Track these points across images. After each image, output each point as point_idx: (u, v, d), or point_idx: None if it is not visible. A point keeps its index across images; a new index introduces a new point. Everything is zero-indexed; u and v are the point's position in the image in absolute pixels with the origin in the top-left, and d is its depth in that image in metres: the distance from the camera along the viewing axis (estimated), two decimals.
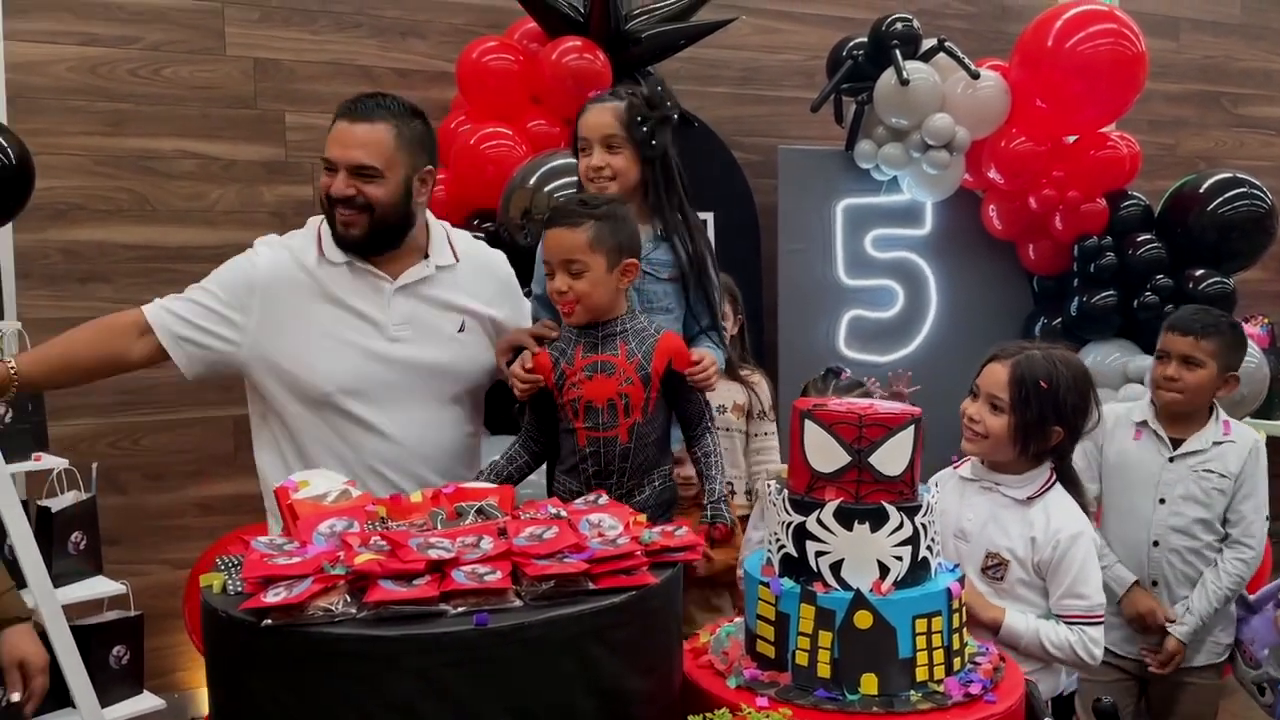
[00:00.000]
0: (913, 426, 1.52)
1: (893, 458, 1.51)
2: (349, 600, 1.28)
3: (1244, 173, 3.78)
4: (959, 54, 3.62)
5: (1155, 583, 2.62)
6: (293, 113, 3.48)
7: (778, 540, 1.54)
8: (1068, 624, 1.96)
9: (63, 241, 3.23)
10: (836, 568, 1.49)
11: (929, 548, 1.53)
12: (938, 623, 1.48)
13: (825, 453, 1.52)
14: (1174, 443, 2.61)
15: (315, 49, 3.50)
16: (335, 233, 2.06)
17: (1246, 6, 5.07)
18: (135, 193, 3.31)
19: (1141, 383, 3.19)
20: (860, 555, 1.48)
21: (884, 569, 1.48)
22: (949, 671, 1.49)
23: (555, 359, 1.96)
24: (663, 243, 2.12)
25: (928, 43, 3.70)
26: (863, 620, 1.45)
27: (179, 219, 3.35)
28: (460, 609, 1.27)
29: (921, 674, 1.46)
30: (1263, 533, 2.60)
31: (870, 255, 3.88)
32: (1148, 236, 3.72)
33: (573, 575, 1.33)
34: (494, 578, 1.30)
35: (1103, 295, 3.73)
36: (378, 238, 2.06)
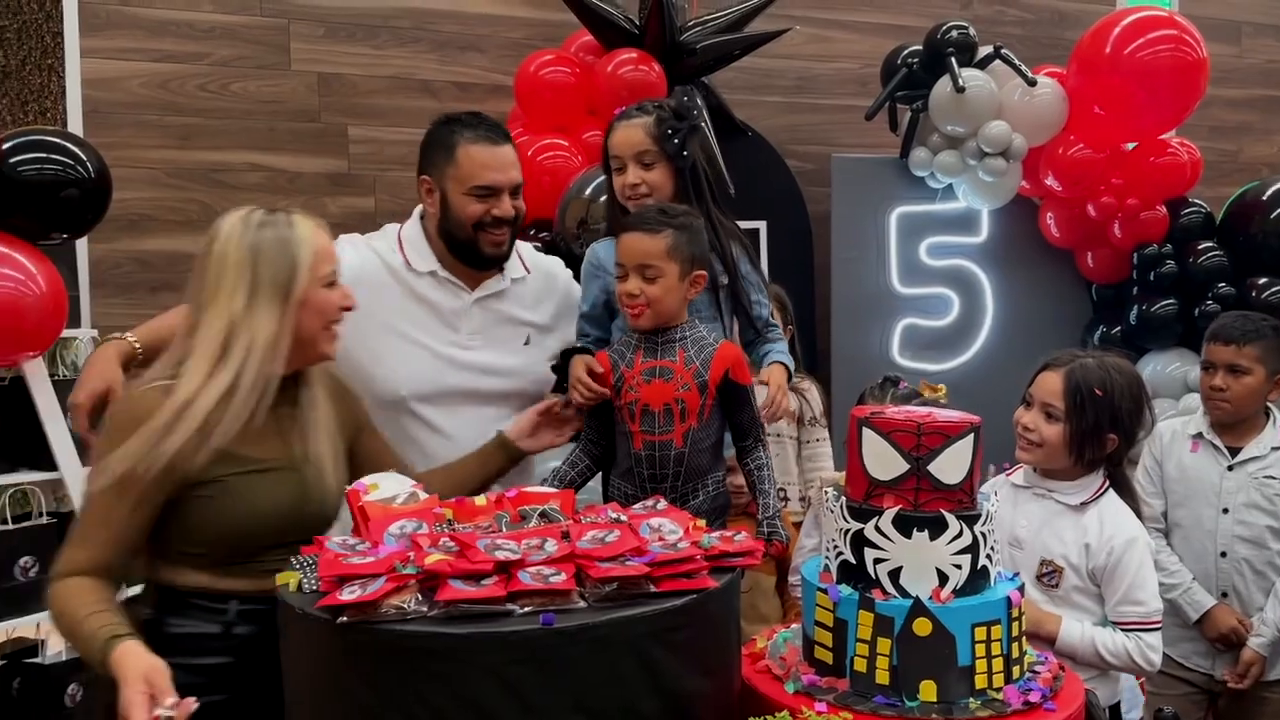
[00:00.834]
0: (972, 435, 1.53)
1: (952, 466, 1.51)
2: (420, 599, 1.32)
3: None
4: (1015, 61, 3.61)
5: (1225, 594, 2.58)
6: (355, 126, 3.56)
7: (835, 547, 1.55)
8: (1124, 631, 1.95)
9: (135, 251, 3.34)
10: (895, 575, 1.50)
11: (988, 556, 1.53)
12: (997, 631, 1.49)
13: (883, 460, 1.53)
14: (1231, 451, 2.58)
15: (377, 64, 3.59)
16: (483, 254, 2.11)
17: None
18: (204, 204, 3.41)
19: None
20: (919, 563, 1.49)
21: (943, 577, 1.49)
22: (1008, 680, 1.49)
23: (614, 362, 1.99)
24: None
25: (984, 50, 3.69)
26: (922, 628, 1.45)
27: None
28: (527, 609, 1.31)
29: (980, 682, 1.47)
30: None
31: (925, 263, 3.87)
32: (1209, 244, 3.67)
33: (635, 578, 1.36)
34: (559, 579, 1.34)
35: (1163, 304, 3.69)
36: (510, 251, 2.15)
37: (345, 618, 1.29)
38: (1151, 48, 3.48)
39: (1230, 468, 2.57)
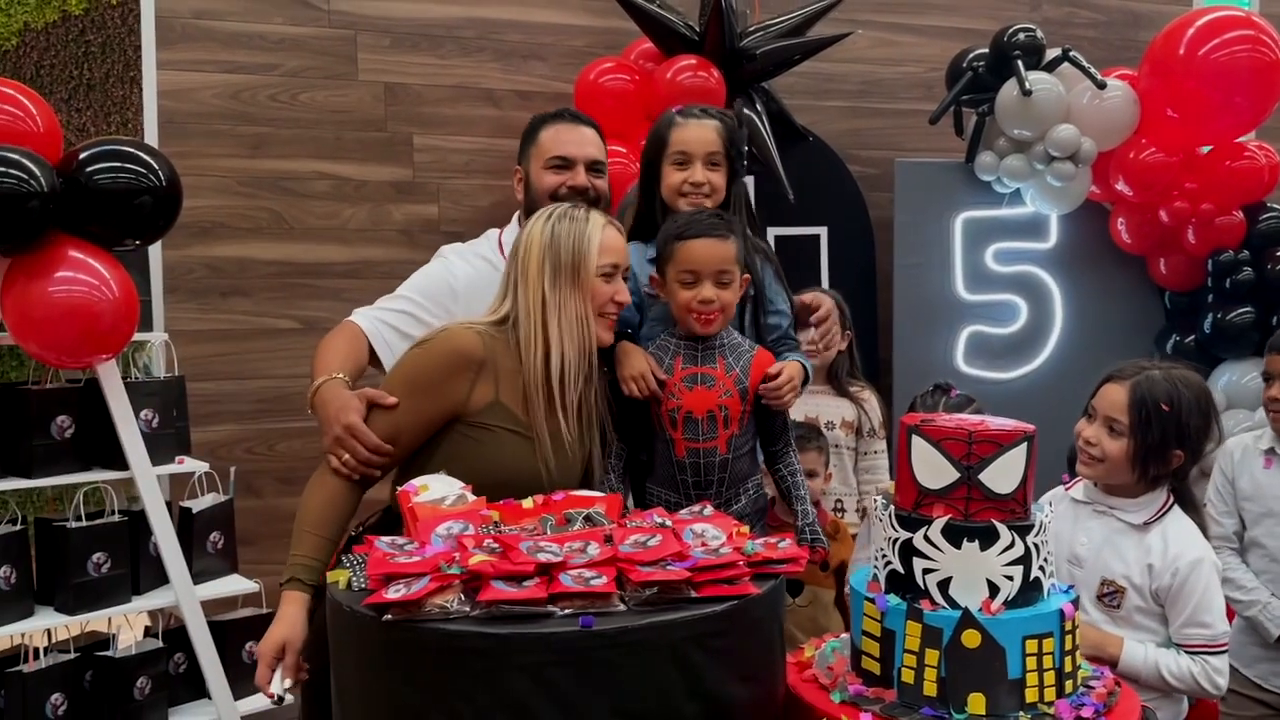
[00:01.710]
0: (1025, 444, 1.50)
1: (1004, 475, 1.49)
2: (463, 599, 1.34)
3: None
4: (1084, 63, 3.53)
5: None
6: (420, 135, 3.62)
7: (884, 556, 1.54)
8: (1189, 654, 1.89)
9: (206, 257, 3.43)
10: (944, 585, 1.47)
11: (1041, 568, 1.50)
12: (1049, 644, 1.45)
13: (933, 469, 1.51)
14: None
15: (442, 73, 3.64)
16: None
17: None
18: (273, 211, 3.49)
19: None
20: (969, 573, 1.47)
21: (994, 588, 1.46)
22: (1060, 694, 1.46)
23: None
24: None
25: (1052, 52, 3.61)
26: (970, 639, 1.43)
27: (314, 236, 3.52)
28: (567, 611, 1.32)
29: (1031, 695, 1.44)
30: None
31: (991, 269, 3.80)
32: None
33: (675, 583, 1.36)
34: (599, 582, 1.34)
35: (1239, 312, 3.57)
36: None
37: (390, 616, 1.32)
38: (1228, 48, 3.38)
39: None
